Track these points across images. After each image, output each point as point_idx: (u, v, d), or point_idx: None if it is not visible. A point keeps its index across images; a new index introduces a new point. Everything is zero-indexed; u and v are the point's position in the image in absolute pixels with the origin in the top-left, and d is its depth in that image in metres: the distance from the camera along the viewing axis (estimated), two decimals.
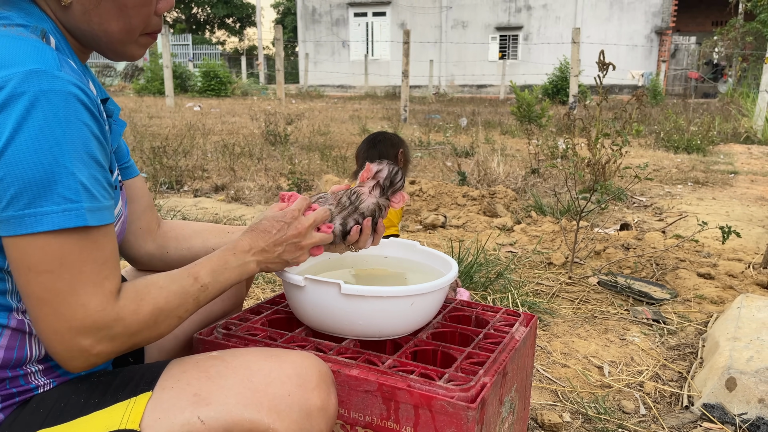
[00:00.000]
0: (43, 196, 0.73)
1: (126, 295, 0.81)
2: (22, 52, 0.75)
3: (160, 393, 0.84)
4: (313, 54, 26.52)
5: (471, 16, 24.52)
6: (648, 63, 22.76)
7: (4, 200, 0.72)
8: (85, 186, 0.75)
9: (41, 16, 0.86)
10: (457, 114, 12.25)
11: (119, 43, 0.90)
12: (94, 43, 0.91)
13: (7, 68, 0.73)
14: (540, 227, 3.71)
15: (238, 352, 0.92)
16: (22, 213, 0.73)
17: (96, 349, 0.78)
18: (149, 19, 0.91)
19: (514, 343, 1.17)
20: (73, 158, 0.74)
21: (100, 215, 0.77)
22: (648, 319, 2.41)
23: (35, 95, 0.73)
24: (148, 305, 0.83)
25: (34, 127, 0.72)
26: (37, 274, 0.74)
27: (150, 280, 0.86)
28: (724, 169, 6.40)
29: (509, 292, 2.55)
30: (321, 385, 0.89)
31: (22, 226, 0.73)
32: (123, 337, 0.80)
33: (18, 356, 0.84)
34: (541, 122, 8.89)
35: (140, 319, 0.82)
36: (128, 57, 0.94)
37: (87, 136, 0.76)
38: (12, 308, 0.83)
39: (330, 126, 9.60)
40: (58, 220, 0.73)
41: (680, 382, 1.95)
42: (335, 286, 1.06)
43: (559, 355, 2.10)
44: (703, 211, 4.37)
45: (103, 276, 0.78)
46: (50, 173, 0.73)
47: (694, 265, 3.02)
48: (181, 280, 0.89)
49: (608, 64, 2.65)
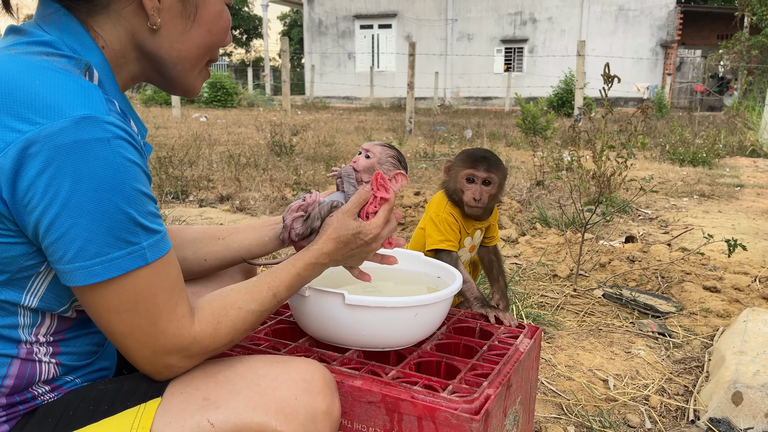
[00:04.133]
0: (108, 244, 0.75)
1: (202, 319, 0.86)
2: (69, 94, 0.74)
3: (169, 398, 0.85)
4: (319, 66, 26.67)
5: (476, 28, 24.65)
6: (653, 76, 22.79)
7: (70, 252, 0.74)
8: (143, 225, 0.78)
9: (90, 45, 0.84)
10: (462, 126, 12.28)
11: (189, 71, 0.94)
12: (161, 70, 0.92)
13: (57, 115, 0.71)
14: (545, 239, 3.70)
15: (244, 359, 0.93)
16: (90, 263, 0.75)
17: (179, 365, 0.86)
18: (215, 52, 0.97)
19: (518, 355, 1.17)
20: (131, 201, 0.76)
21: (159, 248, 0.80)
22: (653, 332, 2.40)
23: (90, 144, 0.72)
24: (225, 327, 0.88)
25: (92, 178, 0.73)
26: (117, 314, 0.79)
27: (228, 300, 0.89)
28: (730, 182, 6.38)
29: (514, 303, 2.54)
30: (326, 389, 0.90)
31: (92, 276, 0.76)
32: (201, 355, 0.87)
33: (28, 382, 0.85)
34: (546, 134, 8.90)
35: (217, 341, 0.87)
36: (188, 88, 0.97)
37: (139, 175, 0.78)
38: (22, 341, 0.84)
39: (335, 137, 9.63)
40: (125, 264, 0.77)
41: (686, 395, 1.94)
42: (339, 296, 1.06)
43: (564, 367, 2.09)
44: (709, 224, 4.35)
45: (174, 303, 0.82)
46: (113, 221, 0.75)
47: (699, 278, 3.01)
48: (260, 296, 0.93)
49: (613, 77, 2.66)
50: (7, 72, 0.74)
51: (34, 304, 0.82)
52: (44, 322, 0.85)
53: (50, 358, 0.86)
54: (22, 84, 0.73)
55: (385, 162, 1.14)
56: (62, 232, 0.73)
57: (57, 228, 0.73)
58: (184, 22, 0.88)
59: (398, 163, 1.16)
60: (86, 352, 0.92)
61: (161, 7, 0.86)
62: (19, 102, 0.72)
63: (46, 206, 0.72)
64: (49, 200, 0.72)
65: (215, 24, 0.92)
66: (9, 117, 0.71)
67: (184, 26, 0.89)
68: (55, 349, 0.87)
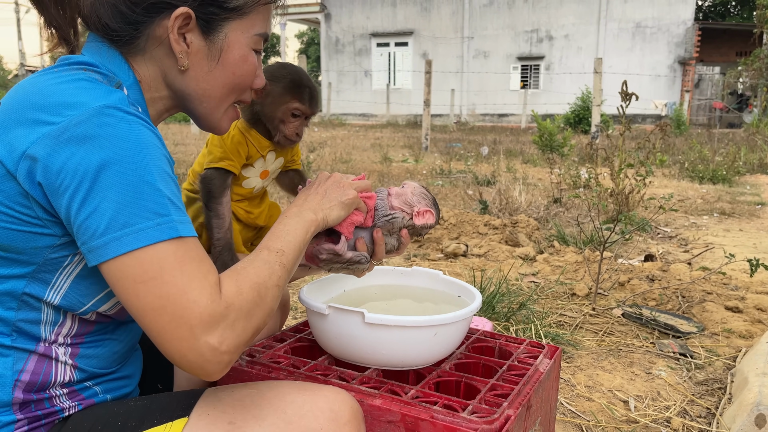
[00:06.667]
0: (136, 214, 0.77)
1: (224, 283, 0.82)
2: (94, 92, 0.81)
3: (196, 419, 0.86)
4: (336, 83, 26.89)
5: (492, 46, 24.73)
6: (671, 93, 22.66)
7: (102, 226, 0.76)
8: (171, 200, 0.80)
9: (128, 72, 0.94)
10: (478, 143, 12.28)
11: (214, 109, 1.01)
12: (189, 107, 1.01)
13: (80, 105, 0.79)
14: (563, 257, 3.67)
15: (273, 384, 0.94)
16: (120, 233, 0.76)
17: (224, 345, 0.78)
18: (244, 93, 1.03)
19: (538, 375, 1.16)
20: (156, 176, 0.79)
21: (188, 227, 0.81)
22: (674, 352, 2.37)
23: (110, 125, 0.78)
24: (246, 282, 0.84)
25: (116, 154, 0.77)
26: (143, 283, 0.76)
27: (232, 268, 0.88)
28: (751, 200, 6.30)
29: (532, 323, 2.53)
30: (353, 421, 0.90)
31: (122, 245, 0.76)
32: (241, 321, 0.81)
33: (43, 381, 0.86)
34: (563, 151, 8.88)
35: (247, 298, 0.82)
36: (215, 125, 1.04)
37: (161, 157, 0.82)
38: (42, 338, 0.86)
39: (352, 154, 9.68)
40: (154, 234, 0.77)
41: (708, 418, 1.90)
42: (359, 315, 1.07)
43: (584, 388, 2.06)
44: (730, 243, 4.30)
45: (205, 270, 0.80)
46: (139, 192, 0.77)
47: (721, 297, 2.96)
48: (258, 256, 0.91)
49: (631, 95, 2.66)
50: (44, 81, 0.84)
51: (57, 301, 0.85)
52: (65, 322, 0.87)
53: (68, 359, 0.88)
54: (56, 88, 0.81)
55: (418, 195, 1.21)
56: (93, 208, 0.76)
57: (89, 204, 0.76)
58: (209, 63, 0.96)
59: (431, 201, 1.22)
60: (107, 360, 0.94)
61: (189, 51, 0.94)
62: (52, 102, 0.80)
63: (77, 185, 0.76)
64: (80, 179, 0.76)
65: (239, 67, 0.98)
66: (44, 113, 0.79)
67: (209, 68, 0.96)
68: (74, 350, 0.89)
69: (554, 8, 23.74)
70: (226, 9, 0.94)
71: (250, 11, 0.96)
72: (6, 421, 0.83)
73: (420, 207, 1.19)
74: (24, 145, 0.77)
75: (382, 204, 1.18)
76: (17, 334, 0.84)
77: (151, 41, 0.93)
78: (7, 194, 0.79)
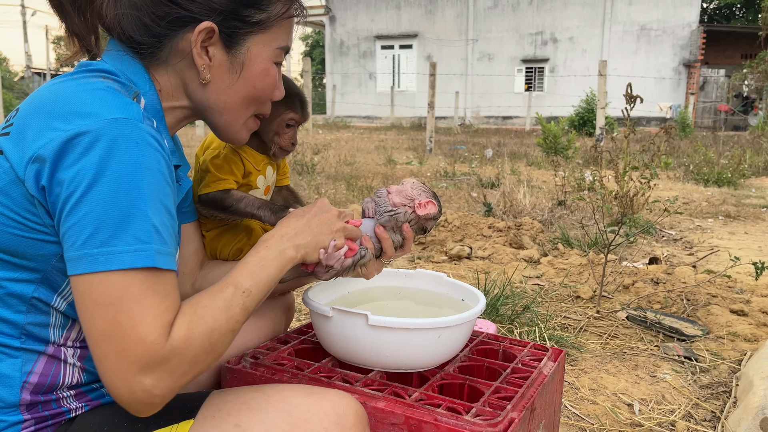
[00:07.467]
0: (117, 236, 0.75)
1: (176, 324, 0.79)
2: (111, 104, 0.81)
3: (201, 421, 0.87)
4: (341, 85, 26.94)
5: (497, 48, 24.74)
6: (676, 95, 22.62)
7: (81, 238, 0.75)
8: (157, 229, 0.78)
9: (147, 81, 0.94)
10: (482, 145, 12.28)
11: (234, 121, 1.02)
12: (208, 118, 1.02)
13: (94, 116, 0.79)
14: (567, 260, 3.67)
15: (278, 387, 0.94)
16: (96, 251, 0.75)
17: (158, 389, 0.76)
18: (264, 105, 1.05)
19: (542, 378, 1.16)
20: (148, 202, 0.78)
21: (167, 259, 0.79)
22: (679, 356, 2.36)
23: (118, 140, 0.77)
24: (199, 327, 0.80)
25: (115, 171, 0.76)
26: (101, 306, 0.75)
27: (192, 301, 0.84)
28: (756, 203, 6.28)
29: (536, 325, 2.52)
30: (357, 425, 0.90)
31: (94, 264, 0.75)
32: (183, 366, 0.78)
33: (51, 382, 0.87)
34: (567, 154, 8.86)
35: (196, 344, 0.79)
36: (234, 136, 1.05)
37: (162, 184, 0.81)
38: (51, 341, 0.87)
39: (356, 156, 9.69)
40: (129, 260, 0.75)
41: (713, 422, 1.89)
42: (363, 317, 1.07)
43: (588, 391, 2.06)
44: (735, 246, 4.28)
45: (164, 307, 0.78)
46: (126, 215, 0.76)
47: (726, 301, 2.95)
48: (222, 293, 0.86)
49: (636, 97, 2.65)
50: (62, 88, 0.84)
51: (63, 308, 0.85)
52: (74, 326, 0.88)
53: (76, 361, 0.89)
54: (73, 96, 0.82)
55: (417, 189, 1.21)
56: (78, 219, 0.75)
57: (75, 214, 0.76)
58: (231, 77, 0.97)
59: (431, 193, 1.23)
60: None
61: (212, 65, 0.95)
62: (67, 110, 0.80)
63: (70, 193, 0.76)
64: (74, 187, 0.76)
65: (260, 80, 0.99)
66: (57, 120, 0.79)
67: (231, 81, 0.97)
68: (83, 352, 0.90)
69: (559, 11, 23.74)
70: (249, 23, 0.94)
71: (273, 25, 0.97)
72: (13, 421, 0.84)
73: (421, 199, 1.20)
74: (33, 149, 0.78)
75: (383, 201, 1.18)
76: (26, 336, 0.85)
77: (173, 53, 0.94)
78: (15, 200, 0.79)
